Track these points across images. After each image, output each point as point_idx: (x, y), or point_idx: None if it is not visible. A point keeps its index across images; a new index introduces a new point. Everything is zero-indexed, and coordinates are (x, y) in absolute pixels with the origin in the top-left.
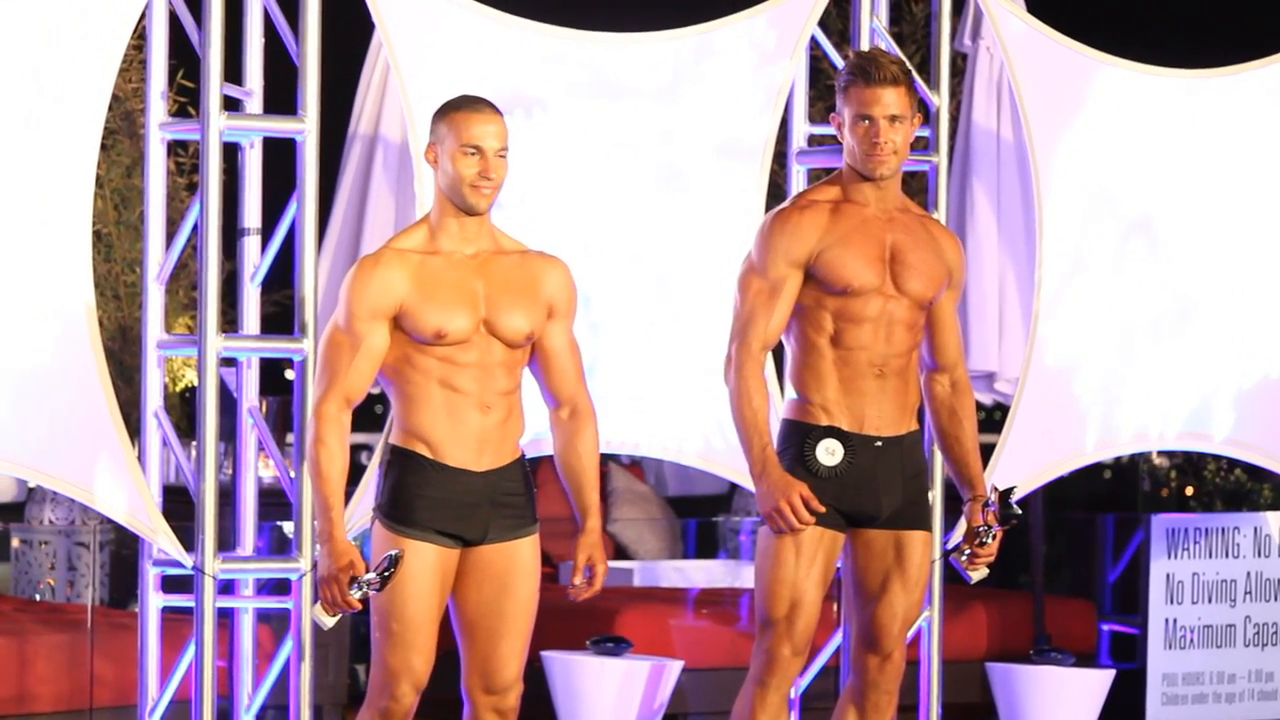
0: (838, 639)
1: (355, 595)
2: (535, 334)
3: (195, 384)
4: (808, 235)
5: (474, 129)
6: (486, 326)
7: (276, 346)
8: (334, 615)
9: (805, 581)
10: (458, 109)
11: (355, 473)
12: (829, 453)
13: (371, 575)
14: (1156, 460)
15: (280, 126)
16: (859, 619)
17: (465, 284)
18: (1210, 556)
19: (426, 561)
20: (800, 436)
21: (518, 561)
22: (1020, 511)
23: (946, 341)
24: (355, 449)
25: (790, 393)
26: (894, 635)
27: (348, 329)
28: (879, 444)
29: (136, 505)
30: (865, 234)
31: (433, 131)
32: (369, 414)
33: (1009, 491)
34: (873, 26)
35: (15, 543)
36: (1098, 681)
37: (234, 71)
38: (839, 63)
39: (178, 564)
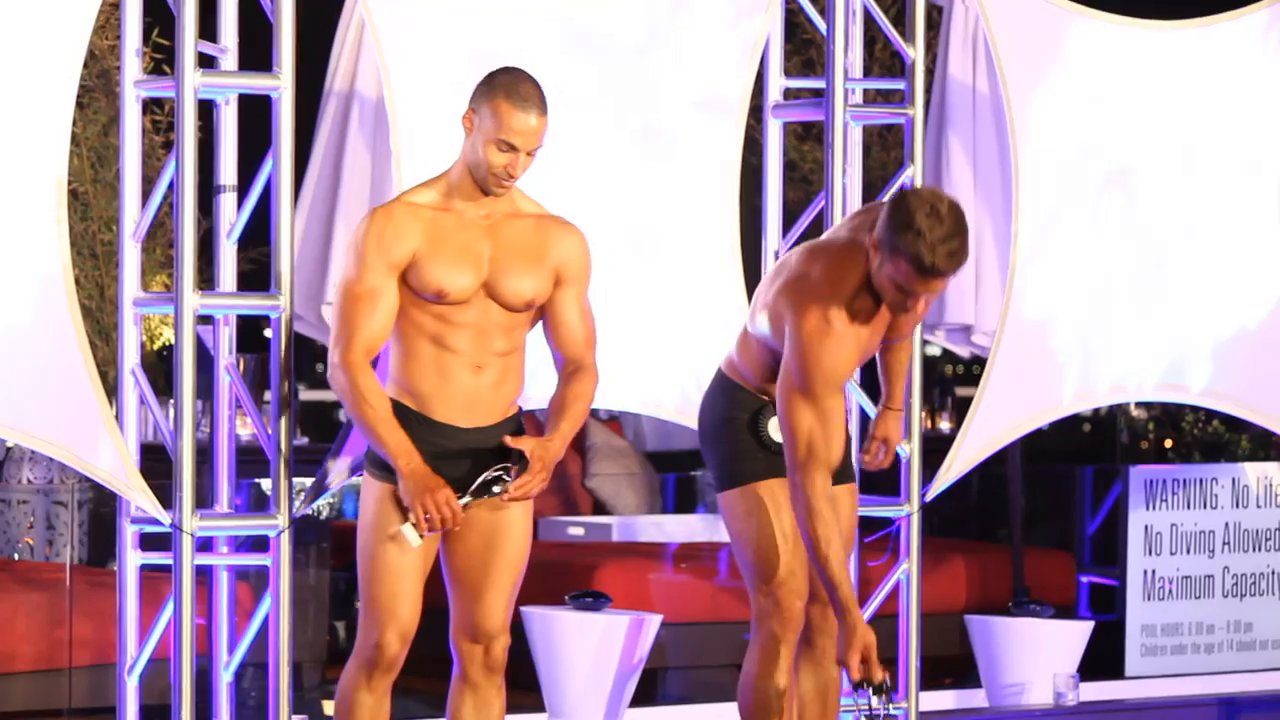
0: None
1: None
2: (538, 300)
3: (172, 342)
4: (852, 354)
5: (516, 126)
6: (487, 289)
7: (253, 304)
8: (424, 534)
9: (793, 530)
10: (508, 97)
11: (334, 428)
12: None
13: (474, 487)
14: (1135, 412)
15: (255, 83)
16: None
17: (472, 244)
18: (1188, 508)
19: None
20: (753, 409)
21: (505, 515)
22: None
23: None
24: (334, 405)
25: (734, 355)
26: None
27: (361, 280)
28: None
29: (114, 464)
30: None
31: (476, 99)
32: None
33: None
34: None
35: None
36: (1076, 633)
37: (209, 28)
38: (814, 16)
39: (156, 522)
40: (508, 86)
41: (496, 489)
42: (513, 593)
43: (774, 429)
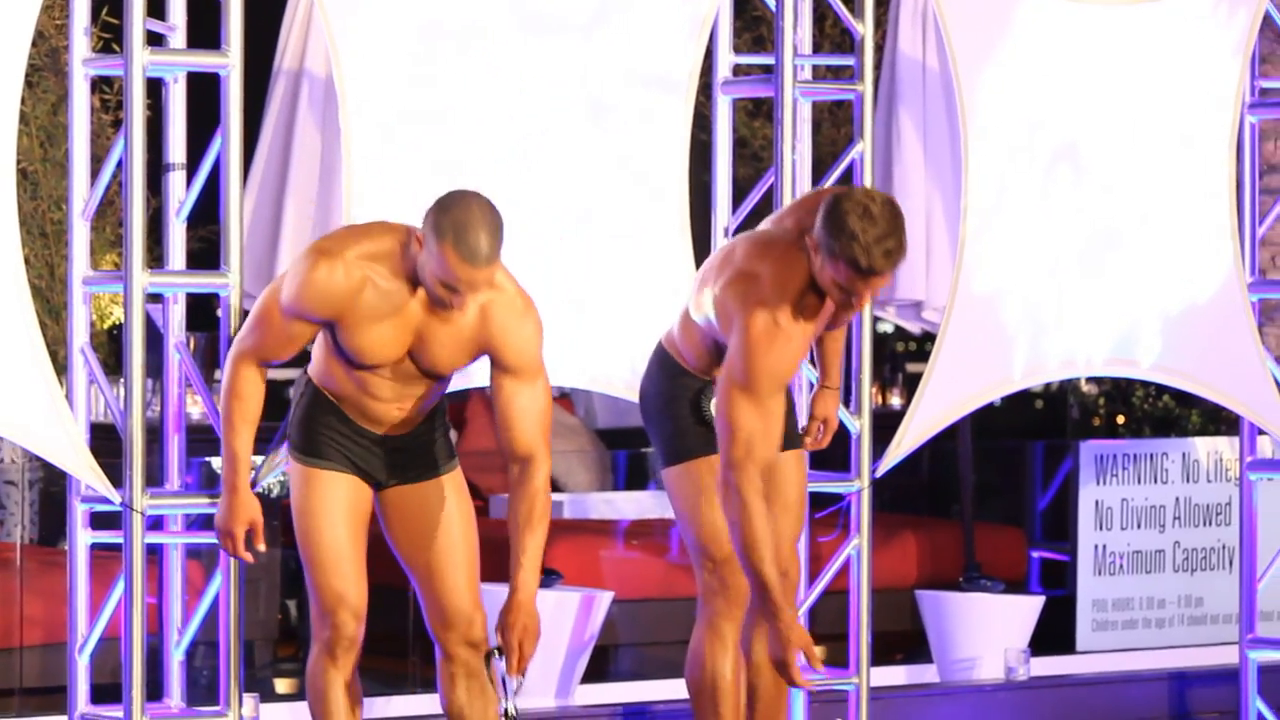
0: None
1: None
2: (457, 368)
3: (122, 321)
4: (794, 360)
5: (462, 277)
6: (412, 359)
7: (203, 281)
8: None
9: None
10: (456, 246)
11: (286, 407)
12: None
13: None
14: (1085, 388)
15: (204, 61)
16: None
17: (405, 324)
18: (1139, 482)
19: (337, 490)
20: (692, 388)
21: (437, 497)
22: None
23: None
24: (283, 384)
25: (676, 334)
26: (785, 555)
27: (285, 314)
28: None
29: (64, 442)
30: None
31: (426, 227)
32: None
33: None
34: None
35: None
36: (1028, 608)
37: (157, 7)
38: None
39: (106, 501)
40: (457, 233)
41: (510, 684)
42: (473, 570)
43: (715, 409)
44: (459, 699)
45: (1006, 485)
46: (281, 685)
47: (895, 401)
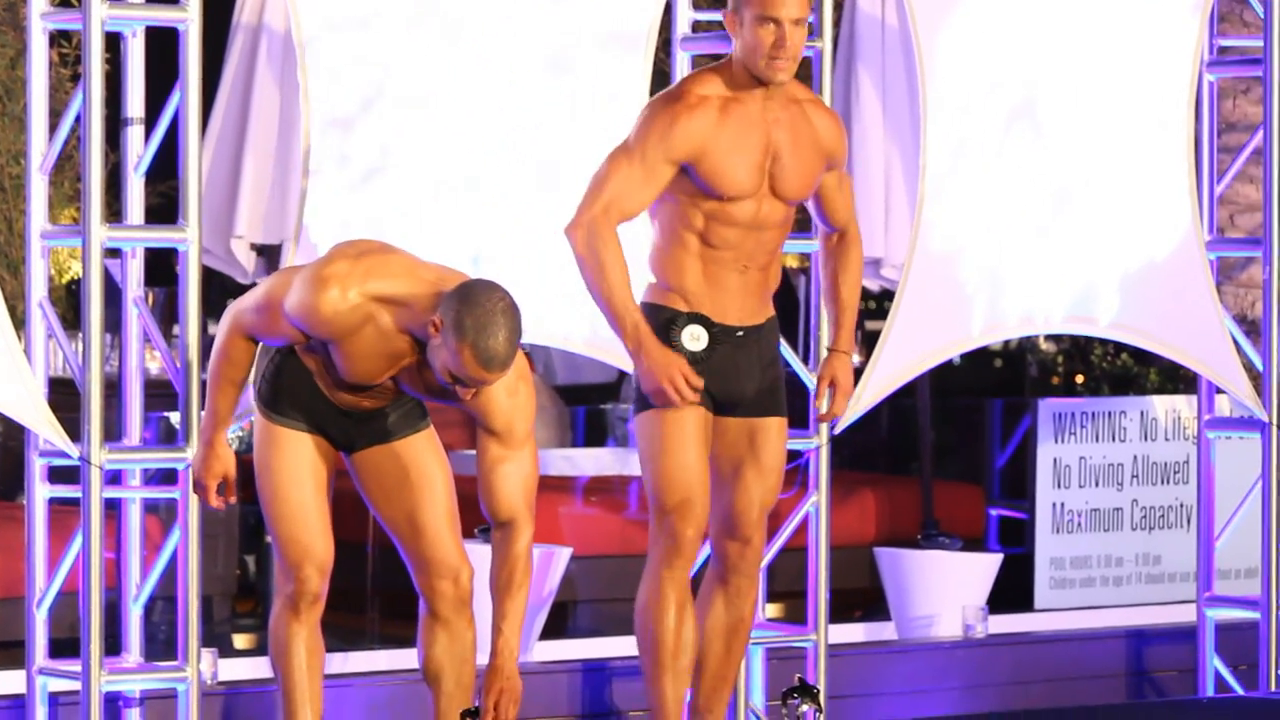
0: None
1: None
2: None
3: (80, 275)
4: (693, 135)
5: (474, 377)
6: (393, 381)
7: (161, 236)
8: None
9: (697, 462)
10: (475, 351)
11: None
12: (694, 338)
13: None
14: (1044, 346)
15: (163, 15)
16: (718, 506)
17: (392, 366)
18: (1097, 441)
19: (301, 447)
20: (664, 321)
21: (408, 455)
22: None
23: (834, 207)
24: None
25: (650, 277)
26: (752, 521)
27: (285, 317)
28: (740, 334)
29: (23, 397)
30: (750, 137)
31: (445, 313)
32: None
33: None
34: None
35: None
36: (986, 566)
37: None
38: None
39: (65, 455)
40: (477, 334)
41: None
42: (454, 522)
43: (687, 337)
44: (438, 656)
45: (965, 443)
46: (240, 640)
47: (854, 359)
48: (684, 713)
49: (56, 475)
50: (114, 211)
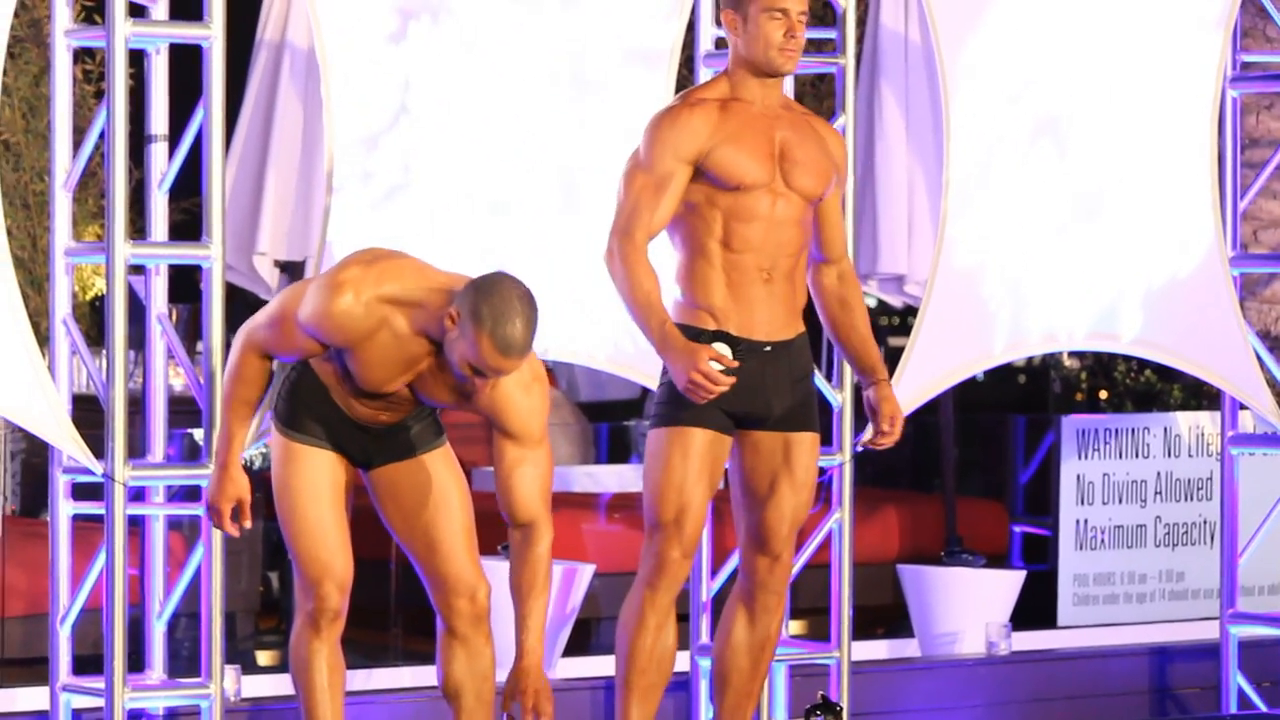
0: None
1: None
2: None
3: (104, 292)
4: (698, 131)
5: (492, 366)
6: (410, 390)
7: (185, 253)
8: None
9: (694, 485)
10: (493, 338)
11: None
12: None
13: None
14: (1067, 362)
15: (186, 33)
16: (748, 521)
17: (408, 370)
18: (1120, 457)
19: (320, 464)
20: (691, 337)
21: (427, 471)
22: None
23: (833, 235)
24: None
25: (678, 295)
26: (782, 536)
27: (299, 328)
28: (768, 348)
29: (46, 414)
30: (755, 131)
31: (461, 306)
32: None
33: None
34: None
35: None
36: (1009, 583)
37: None
38: None
39: (89, 472)
40: (495, 322)
41: None
42: (471, 539)
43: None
44: (457, 673)
45: (988, 459)
46: (263, 657)
47: None
48: None
49: (80, 492)
50: (138, 228)
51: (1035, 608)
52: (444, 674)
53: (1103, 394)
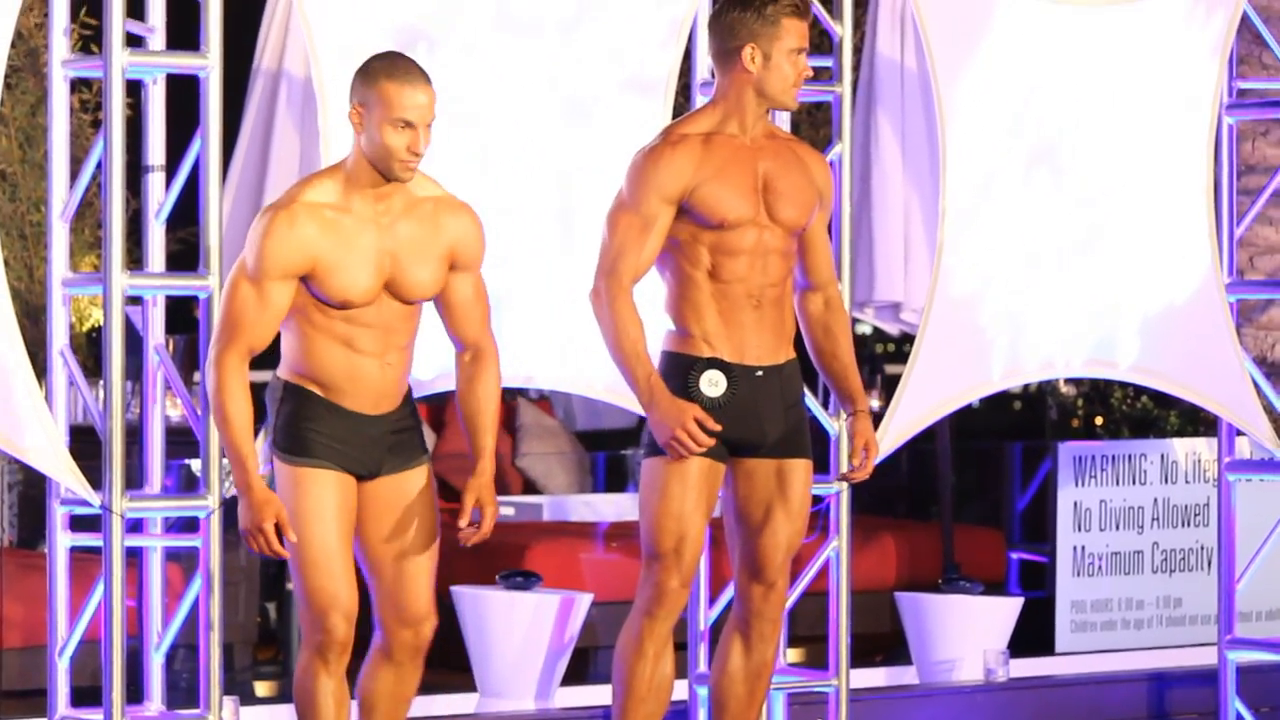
0: None
1: None
2: (438, 289)
3: (101, 323)
4: (682, 171)
5: (406, 102)
6: (390, 288)
7: (182, 284)
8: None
9: (691, 514)
10: (391, 77)
11: (257, 413)
12: (712, 384)
13: None
14: (1064, 389)
15: (183, 63)
16: (743, 549)
17: (372, 245)
18: (1117, 484)
19: (327, 489)
20: (683, 368)
21: (412, 491)
22: None
23: (818, 261)
24: (258, 387)
25: (669, 324)
26: (777, 564)
27: (255, 282)
28: (759, 373)
29: (43, 445)
30: (739, 165)
31: (357, 92)
32: (269, 353)
33: None
34: None
35: None
36: (1007, 610)
37: (137, 7)
38: None
39: (86, 503)
40: (387, 69)
41: None
42: (433, 573)
43: (705, 383)
44: (379, 690)
45: (985, 486)
46: (261, 688)
47: (874, 403)
48: None
49: (78, 524)
50: (135, 259)
51: (1033, 634)
52: (366, 685)
53: (1099, 420)
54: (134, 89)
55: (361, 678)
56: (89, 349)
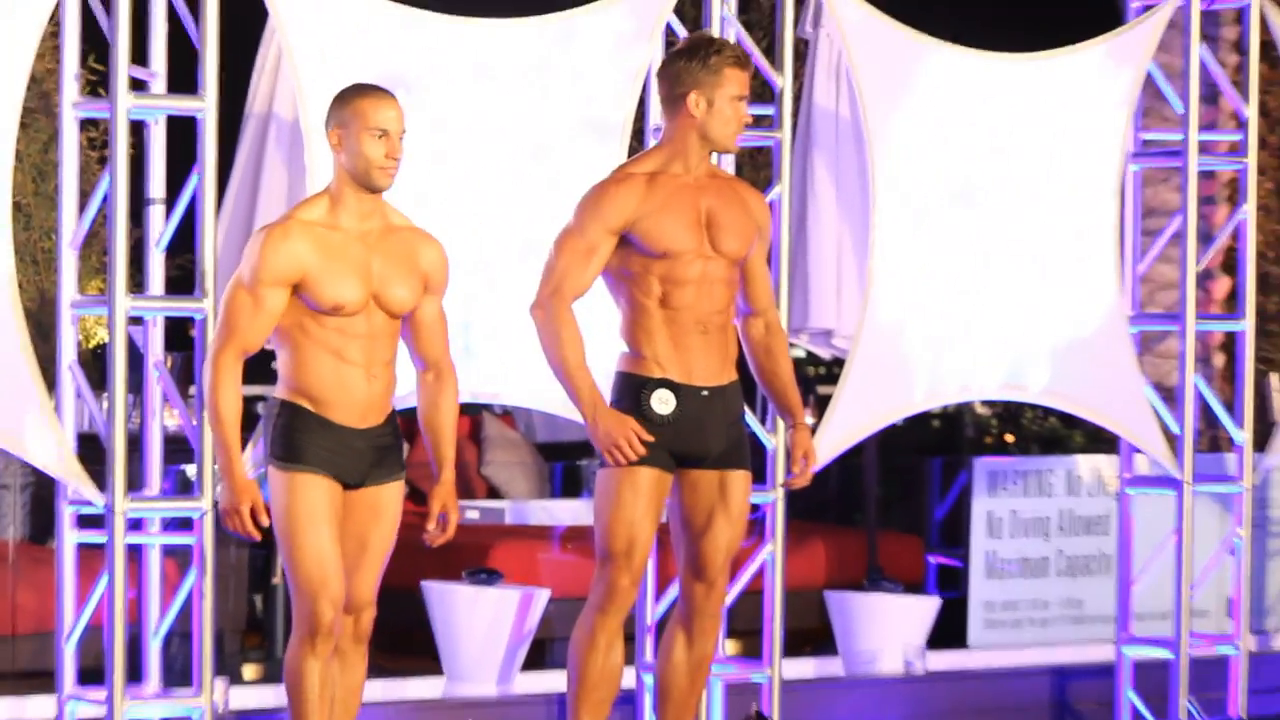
0: None
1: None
2: (413, 306)
3: (106, 341)
4: (625, 205)
5: (381, 114)
6: (375, 299)
7: (180, 306)
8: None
9: (642, 519)
10: (362, 95)
11: (249, 420)
12: (662, 402)
13: None
14: (980, 409)
15: (182, 105)
16: (686, 551)
17: (360, 259)
18: (1027, 495)
19: (318, 492)
20: (636, 387)
21: (385, 502)
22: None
23: (759, 289)
24: (251, 400)
25: (623, 347)
26: (718, 565)
27: (251, 289)
28: (705, 393)
29: (54, 451)
30: (681, 201)
31: (334, 117)
32: (265, 368)
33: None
34: (723, 15)
35: None
36: (925, 608)
37: (140, 54)
38: None
39: (91, 504)
40: (359, 90)
41: None
42: (383, 566)
43: (656, 401)
44: (329, 678)
45: (907, 496)
46: (249, 671)
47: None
48: None
49: (84, 522)
50: (137, 283)
51: (948, 631)
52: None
53: (1010, 438)
54: (137, 129)
55: None
56: (95, 364)
